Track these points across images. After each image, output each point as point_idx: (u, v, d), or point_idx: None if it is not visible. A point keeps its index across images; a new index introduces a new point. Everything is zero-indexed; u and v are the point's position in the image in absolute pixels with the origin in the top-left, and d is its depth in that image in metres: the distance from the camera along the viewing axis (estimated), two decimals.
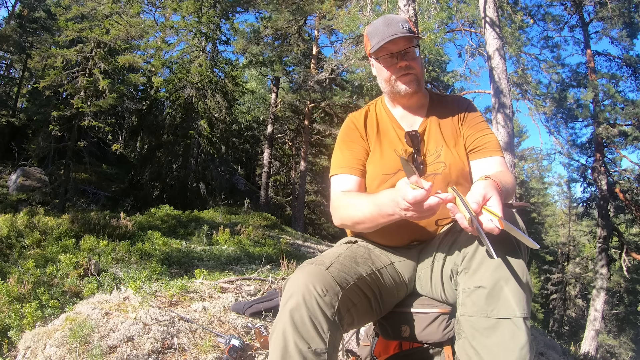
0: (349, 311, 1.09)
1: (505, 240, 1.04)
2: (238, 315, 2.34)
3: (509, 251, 1.04)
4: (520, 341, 0.97)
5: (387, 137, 1.41)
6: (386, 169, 1.34)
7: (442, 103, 1.45)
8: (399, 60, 1.30)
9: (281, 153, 23.25)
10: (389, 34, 1.27)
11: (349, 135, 1.42)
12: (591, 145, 12.65)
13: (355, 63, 11.46)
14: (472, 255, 1.07)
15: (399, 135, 1.39)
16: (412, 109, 1.43)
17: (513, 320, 0.98)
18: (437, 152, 1.35)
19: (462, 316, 1.07)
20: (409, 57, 1.30)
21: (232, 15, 15.43)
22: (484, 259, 1.05)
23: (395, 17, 1.33)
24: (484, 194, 0.98)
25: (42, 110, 13.02)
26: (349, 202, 1.27)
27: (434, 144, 1.36)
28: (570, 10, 12.54)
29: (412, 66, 1.31)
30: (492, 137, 1.37)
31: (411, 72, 1.32)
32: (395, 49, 1.29)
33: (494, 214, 0.95)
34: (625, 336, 20.09)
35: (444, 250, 1.22)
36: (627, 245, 12.28)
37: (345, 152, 1.40)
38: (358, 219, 1.22)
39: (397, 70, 1.32)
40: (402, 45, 1.29)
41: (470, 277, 1.06)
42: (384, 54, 1.31)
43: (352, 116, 1.48)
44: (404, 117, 1.43)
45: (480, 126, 1.38)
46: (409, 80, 1.32)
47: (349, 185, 1.34)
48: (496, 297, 1.01)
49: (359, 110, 1.49)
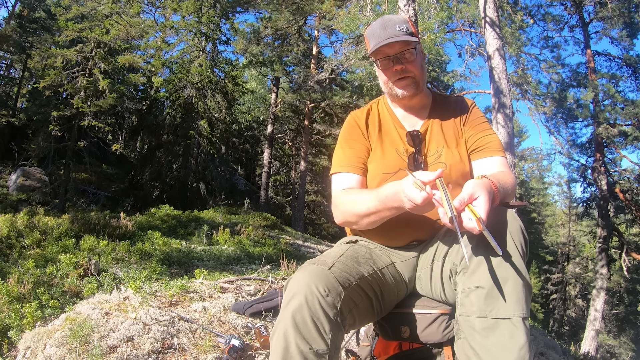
0: (351, 312, 1.09)
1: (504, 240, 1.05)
2: (238, 315, 2.34)
3: (508, 251, 1.04)
4: (519, 341, 0.97)
5: (388, 136, 1.40)
6: (387, 168, 1.34)
7: (445, 104, 1.45)
8: (394, 64, 1.30)
9: (281, 153, 23.26)
10: (384, 37, 1.26)
11: (351, 134, 1.42)
12: (591, 145, 12.66)
13: (355, 63, 11.45)
14: (470, 256, 1.07)
15: (400, 135, 1.39)
16: (414, 109, 1.42)
17: (512, 321, 0.98)
18: (438, 152, 1.35)
19: (461, 316, 1.07)
20: (405, 60, 1.29)
21: (232, 15, 15.43)
22: (483, 259, 1.04)
23: (394, 18, 1.32)
24: (472, 193, 0.98)
25: (42, 110, 13.02)
26: (352, 198, 1.28)
27: (435, 145, 1.36)
28: (570, 10, 12.54)
29: (409, 69, 1.30)
30: (494, 137, 1.37)
31: (408, 76, 1.31)
32: (391, 52, 1.28)
33: (475, 214, 0.95)
34: (625, 336, 20.08)
35: (444, 250, 1.22)
36: (627, 245, 12.28)
37: (346, 150, 1.40)
38: (363, 213, 1.22)
39: (393, 74, 1.31)
40: (399, 48, 1.27)
41: (469, 277, 1.06)
42: (381, 57, 1.31)
43: (354, 114, 1.47)
44: (405, 117, 1.43)
45: (482, 126, 1.38)
46: (406, 84, 1.32)
47: (350, 183, 1.35)
48: (495, 297, 1.00)
49: (361, 109, 1.49)
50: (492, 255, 1.04)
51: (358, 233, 1.43)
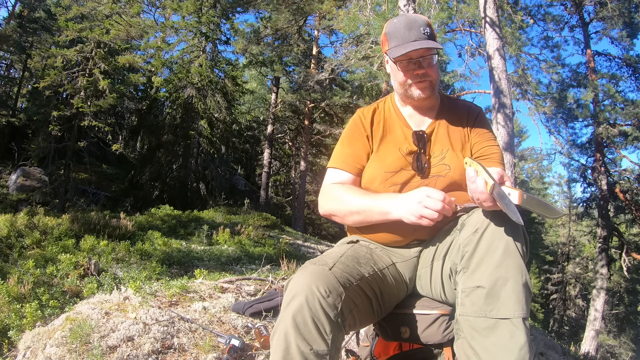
0: (352, 312, 1.09)
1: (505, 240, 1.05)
2: (238, 315, 2.34)
3: (506, 250, 1.04)
4: (519, 341, 0.97)
5: (392, 135, 1.41)
6: (388, 167, 1.35)
7: (453, 107, 1.45)
8: (416, 67, 1.29)
9: (281, 153, 23.25)
10: (409, 39, 1.26)
11: (354, 132, 1.43)
12: (591, 145, 12.65)
13: (355, 63, 11.45)
14: (471, 254, 1.07)
15: (405, 134, 1.39)
16: (422, 109, 1.43)
17: (512, 321, 0.98)
18: (442, 154, 1.35)
19: (461, 316, 1.07)
20: (426, 64, 1.29)
21: (232, 15, 15.43)
22: (483, 258, 1.05)
23: (418, 19, 1.30)
24: (501, 174, 1.03)
25: (42, 110, 13.02)
26: (344, 194, 1.31)
27: (439, 146, 1.37)
28: (570, 10, 12.54)
29: (429, 74, 1.30)
30: (497, 149, 1.39)
31: (427, 80, 1.31)
32: (414, 55, 1.27)
33: (512, 188, 0.99)
34: (625, 336, 20.07)
35: (444, 249, 1.22)
36: (627, 245, 12.28)
37: (346, 148, 1.42)
38: (354, 210, 1.28)
39: (414, 77, 1.31)
40: (422, 52, 1.27)
41: (469, 277, 1.06)
42: (402, 59, 1.29)
43: (360, 112, 1.47)
44: (412, 117, 1.43)
45: (488, 136, 1.40)
46: (424, 87, 1.31)
47: (339, 179, 1.38)
48: (495, 297, 1.01)
49: (368, 107, 1.49)
50: (491, 254, 1.05)
51: (358, 233, 1.43)
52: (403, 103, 1.43)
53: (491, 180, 0.98)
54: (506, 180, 1.03)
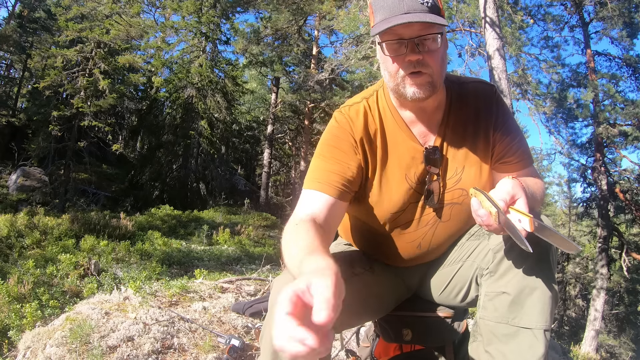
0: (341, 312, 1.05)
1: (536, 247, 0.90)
2: (238, 315, 2.34)
3: (538, 259, 0.96)
4: (537, 353, 0.94)
5: (396, 155, 1.06)
6: (395, 206, 1.06)
7: (463, 99, 1.08)
8: (409, 51, 0.92)
9: (281, 153, 23.26)
10: (400, 10, 0.89)
11: (340, 143, 1.04)
12: (591, 145, 12.65)
13: (355, 63, 11.44)
14: (500, 260, 1.01)
15: (411, 152, 1.05)
16: (427, 112, 1.06)
17: (533, 331, 0.95)
18: (457, 174, 1.06)
19: (481, 319, 1.02)
20: (424, 48, 0.92)
21: (232, 15, 15.46)
22: (513, 264, 0.98)
23: None
24: (513, 193, 0.87)
25: (42, 110, 13.03)
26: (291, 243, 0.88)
27: (453, 165, 1.06)
28: (570, 10, 12.53)
29: (427, 62, 0.92)
30: (519, 145, 1.09)
31: (425, 72, 0.93)
32: (407, 33, 0.91)
33: (523, 213, 0.86)
34: (625, 336, 20.08)
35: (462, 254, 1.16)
36: (627, 245, 12.27)
37: (324, 162, 1.03)
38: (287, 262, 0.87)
39: (407, 66, 0.93)
40: (418, 29, 0.90)
41: (495, 281, 1.01)
42: (391, 38, 0.93)
43: (346, 116, 1.06)
44: (414, 122, 1.06)
45: (508, 130, 1.08)
46: (421, 82, 0.94)
47: (315, 206, 0.98)
48: (520, 305, 0.96)
49: (354, 107, 1.08)
50: (522, 261, 0.96)
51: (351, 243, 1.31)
52: (399, 102, 1.06)
53: (494, 209, 0.86)
54: (519, 197, 0.87)
